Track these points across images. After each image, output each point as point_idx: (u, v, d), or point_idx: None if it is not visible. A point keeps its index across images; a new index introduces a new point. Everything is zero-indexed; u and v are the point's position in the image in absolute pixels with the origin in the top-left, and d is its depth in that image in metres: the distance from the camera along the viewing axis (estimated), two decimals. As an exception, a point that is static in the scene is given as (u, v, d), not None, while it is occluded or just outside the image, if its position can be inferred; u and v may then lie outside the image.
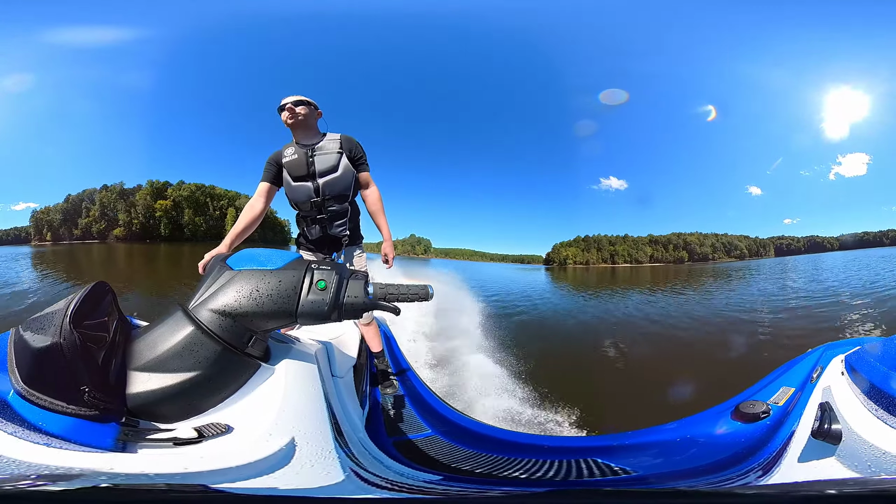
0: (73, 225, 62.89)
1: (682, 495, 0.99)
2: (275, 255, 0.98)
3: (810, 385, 1.21)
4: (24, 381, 0.74)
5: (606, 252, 78.93)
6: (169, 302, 1.01)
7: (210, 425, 0.82)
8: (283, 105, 2.15)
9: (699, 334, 11.17)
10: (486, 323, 10.21)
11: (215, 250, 1.61)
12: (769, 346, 8.82)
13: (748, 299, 22.71)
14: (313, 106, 2.21)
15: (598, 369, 7.90)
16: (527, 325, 13.48)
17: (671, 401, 4.85)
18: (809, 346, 1.42)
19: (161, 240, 62.71)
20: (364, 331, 2.28)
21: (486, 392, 5.18)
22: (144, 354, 0.85)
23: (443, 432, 1.85)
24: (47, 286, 17.64)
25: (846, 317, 11.36)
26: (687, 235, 79.50)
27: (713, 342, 10.01)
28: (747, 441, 1.19)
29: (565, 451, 1.50)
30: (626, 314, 17.56)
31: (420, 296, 0.97)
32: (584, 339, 12.94)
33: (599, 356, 8.83)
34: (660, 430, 1.39)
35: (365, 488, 0.97)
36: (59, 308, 0.78)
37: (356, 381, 1.65)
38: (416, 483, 1.18)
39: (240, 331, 0.88)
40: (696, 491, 1.05)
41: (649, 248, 78.63)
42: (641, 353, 9.40)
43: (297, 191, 2.19)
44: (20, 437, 0.69)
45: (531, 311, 17.14)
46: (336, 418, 1.07)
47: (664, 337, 11.35)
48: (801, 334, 9.83)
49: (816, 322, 11.14)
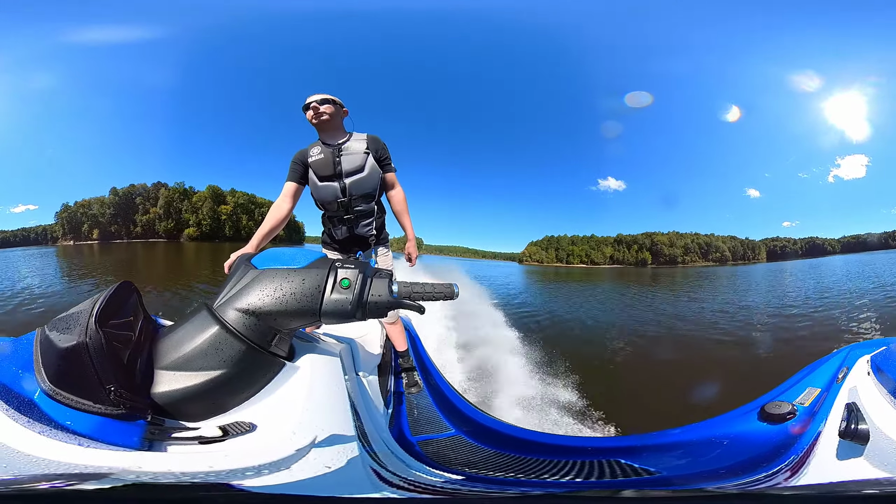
0: (129, 222, 60.94)
1: (710, 497, 0.98)
2: (299, 253, 0.97)
3: (836, 385, 1.19)
4: (51, 380, 0.74)
5: (563, 252, 75.09)
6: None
7: (234, 424, 0.82)
8: (308, 104, 2.13)
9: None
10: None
11: (241, 250, 1.59)
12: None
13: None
14: (339, 105, 2.18)
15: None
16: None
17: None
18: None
19: (226, 240, 63.25)
20: (389, 330, 2.27)
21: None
22: (170, 353, 0.85)
23: (466, 432, 1.84)
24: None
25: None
26: (657, 235, 70.89)
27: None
28: (774, 442, 1.17)
29: (589, 452, 1.48)
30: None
31: (445, 294, 0.96)
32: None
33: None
34: (684, 431, 1.37)
35: (388, 488, 0.96)
36: (84, 308, 0.78)
37: (381, 380, 1.65)
38: (439, 483, 1.17)
39: (264, 329, 0.88)
40: (725, 493, 1.03)
41: (610, 248, 72.09)
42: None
43: (323, 191, 2.17)
44: (48, 436, 0.69)
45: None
46: (360, 417, 1.06)
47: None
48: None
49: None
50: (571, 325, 12.78)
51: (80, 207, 60.58)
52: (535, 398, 4.97)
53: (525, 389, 5.24)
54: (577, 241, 75.59)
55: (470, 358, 6.24)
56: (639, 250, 69.79)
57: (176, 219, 63.06)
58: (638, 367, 7.84)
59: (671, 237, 70.30)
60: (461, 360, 6.08)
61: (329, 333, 1.52)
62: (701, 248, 69.56)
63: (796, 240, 70.38)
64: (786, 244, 69.62)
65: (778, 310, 13.49)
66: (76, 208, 60.54)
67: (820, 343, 8.67)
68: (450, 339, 6.94)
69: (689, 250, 68.90)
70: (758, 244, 70.24)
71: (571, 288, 33.07)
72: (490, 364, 5.91)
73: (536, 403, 4.83)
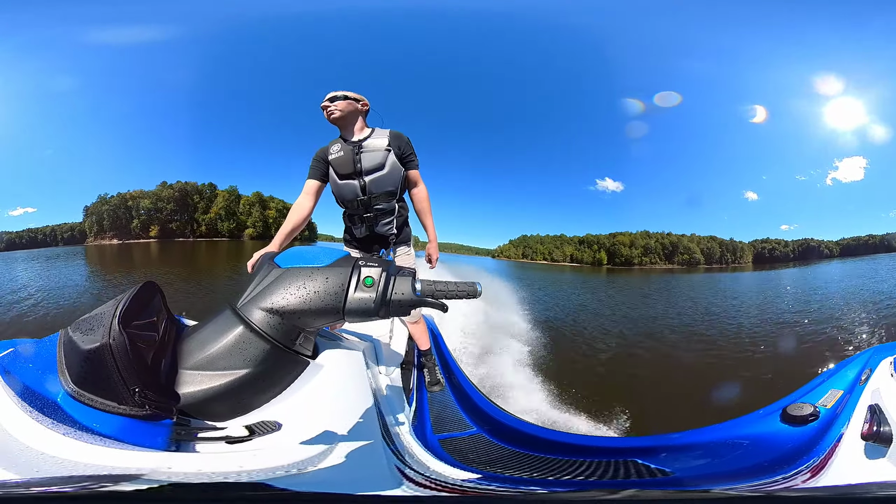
0: (192, 221, 58.19)
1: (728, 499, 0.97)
2: (322, 252, 0.96)
3: (859, 387, 1.19)
4: (75, 381, 0.73)
5: (530, 249, 75.19)
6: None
7: (260, 423, 0.81)
8: (324, 102, 2.10)
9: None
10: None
11: (264, 249, 1.56)
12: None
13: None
14: (356, 100, 2.13)
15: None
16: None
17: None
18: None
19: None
20: (412, 328, 2.25)
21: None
22: (194, 353, 0.84)
23: (487, 430, 1.85)
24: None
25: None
26: (620, 235, 66.36)
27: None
28: (795, 443, 1.17)
29: (606, 452, 1.49)
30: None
31: (468, 293, 0.95)
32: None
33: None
34: (705, 432, 1.37)
35: (410, 486, 0.96)
36: (107, 309, 0.77)
37: (403, 378, 1.65)
38: (460, 481, 1.17)
39: (288, 328, 0.87)
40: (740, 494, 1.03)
41: (570, 247, 69.94)
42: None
43: (343, 189, 2.13)
44: (73, 437, 0.68)
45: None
46: (383, 415, 1.06)
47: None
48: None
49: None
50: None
51: (124, 202, 55.70)
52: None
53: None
54: (544, 240, 76.12)
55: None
56: (597, 250, 66.98)
57: (236, 220, 62.34)
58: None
59: (634, 237, 65.50)
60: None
61: (352, 331, 1.51)
62: (665, 250, 63.07)
63: (787, 241, 62.09)
64: (775, 246, 61.59)
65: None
66: (118, 202, 55.66)
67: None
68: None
69: (650, 251, 63.03)
70: (743, 246, 62.12)
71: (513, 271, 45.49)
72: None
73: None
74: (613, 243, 66.03)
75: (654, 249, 62.87)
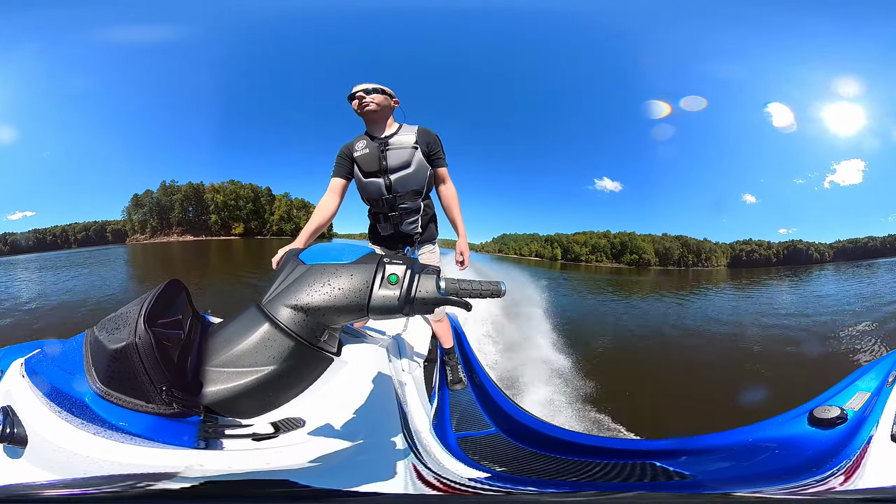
0: (262, 222, 58.13)
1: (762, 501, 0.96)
2: (347, 249, 0.95)
3: (887, 389, 1.17)
4: (102, 381, 0.73)
5: (505, 245, 78.26)
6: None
7: (285, 420, 0.81)
8: (354, 93, 2.02)
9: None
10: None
11: (289, 246, 1.55)
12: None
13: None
14: (389, 95, 2.06)
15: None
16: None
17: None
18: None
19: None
20: (435, 327, 2.23)
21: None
22: (220, 351, 0.84)
23: (506, 430, 1.83)
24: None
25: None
26: (579, 235, 67.35)
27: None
28: (823, 447, 1.14)
29: (625, 454, 1.47)
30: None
31: (492, 292, 0.94)
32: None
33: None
34: (727, 435, 1.34)
35: (428, 485, 0.95)
36: (132, 308, 0.77)
37: (426, 376, 1.64)
38: (478, 480, 1.17)
39: (312, 325, 0.86)
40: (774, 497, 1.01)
41: (536, 244, 72.30)
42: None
43: (368, 187, 2.08)
44: (104, 436, 0.68)
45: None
46: (405, 413, 1.05)
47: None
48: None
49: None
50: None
51: (209, 192, 53.15)
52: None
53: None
54: (518, 238, 79.78)
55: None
56: (554, 247, 69.67)
57: (296, 222, 62.83)
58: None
59: (588, 236, 66.84)
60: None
61: (376, 329, 1.51)
62: (613, 249, 61.66)
63: (771, 243, 52.97)
64: (755, 248, 53.35)
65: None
66: (188, 192, 52.34)
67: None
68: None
69: (597, 249, 63.47)
70: (712, 247, 54.93)
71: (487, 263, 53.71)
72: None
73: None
74: (570, 241, 68.34)
75: (601, 248, 63.45)
